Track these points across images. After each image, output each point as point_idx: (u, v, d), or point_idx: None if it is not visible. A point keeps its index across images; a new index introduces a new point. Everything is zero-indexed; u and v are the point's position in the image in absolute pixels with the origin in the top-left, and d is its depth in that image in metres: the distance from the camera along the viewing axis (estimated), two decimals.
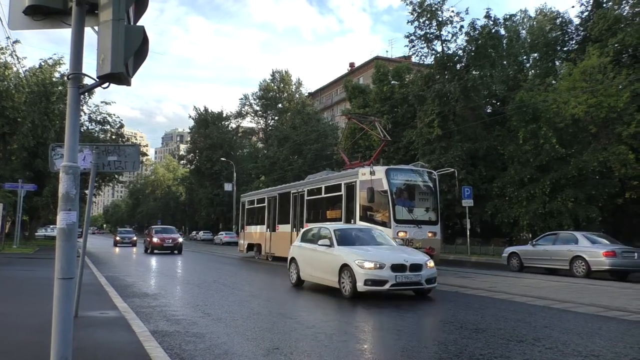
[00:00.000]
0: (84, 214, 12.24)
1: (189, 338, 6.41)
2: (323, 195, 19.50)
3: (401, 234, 15.51)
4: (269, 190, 26.42)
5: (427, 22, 30.71)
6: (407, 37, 31.45)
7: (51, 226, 50.88)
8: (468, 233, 27.89)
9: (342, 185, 18.00)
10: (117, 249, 35.34)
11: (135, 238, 41.46)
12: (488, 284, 13.57)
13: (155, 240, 29.31)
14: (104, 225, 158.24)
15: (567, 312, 8.92)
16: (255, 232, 26.03)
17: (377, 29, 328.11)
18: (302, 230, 14.43)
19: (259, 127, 72.57)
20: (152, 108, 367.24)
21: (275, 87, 68.36)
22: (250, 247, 26.68)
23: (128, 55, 3.61)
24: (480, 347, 6.09)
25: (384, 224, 15.68)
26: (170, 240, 29.61)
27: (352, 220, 16.84)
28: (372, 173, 15.99)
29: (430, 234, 16.28)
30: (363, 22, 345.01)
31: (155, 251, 29.05)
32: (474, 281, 14.38)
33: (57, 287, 3.65)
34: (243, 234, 28.06)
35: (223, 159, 62.16)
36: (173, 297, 10.93)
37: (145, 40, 3.75)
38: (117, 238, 41.14)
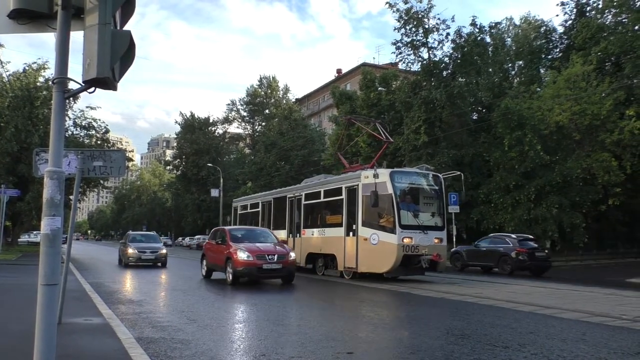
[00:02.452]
0: (68, 219, 12.11)
1: (174, 345, 6.35)
2: (322, 199, 18.64)
3: (406, 240, 14.90)
4: (263, 194, 25.46)
5: (413, 29, 30.93)
6: (394, 44, 31.66)
7: (35, 232, 50.18)
8: (454, 239, 28.03)
9: (343, 189, 17.21)
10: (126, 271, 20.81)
11: (164, 251, 23.79)
12: (474, 290, 13.63)
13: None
14: (89, 231, 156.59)
15: (552, 317, 8.99)
16: None
17: (357, 35, 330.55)
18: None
19: (246, 132, 72.48)
20: (134, 113, 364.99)
21: (263, 92, 68.38)
22: None
23: (114, 59, 3.59)
24: (466, 352, 6.11)
25: (388, 230, 15.10)
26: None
27: (354, 226, 16.22)
28: (376, 176, 15.19)
29: (436, 240, 15.60)
30: (343, 28, 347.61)
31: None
32: (461, 287, 14.44)
33: (41, 293, 3.60)
34: None
35: (210, 164, 61.91)
36: (158, 303, 10.84)
37: (131, 45, 3.73)
38: (130, 251, 23.02)
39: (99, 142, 38.94)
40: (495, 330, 7.67)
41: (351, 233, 16.41)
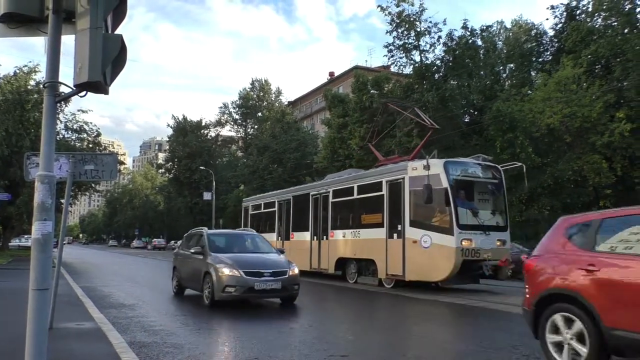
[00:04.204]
0: (59, 223, 12.04)
1: (167, 349, 6.33)
2: (356, 196, 16.37)
3: (465, 243, 12.86)
4: (280, 192, 23.12)
5: (405, 32, 31.02)
6: (386, 47, 31.73)
7: (25, 236, 49.85)
8: None
9: (384, 184, 14.91)
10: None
11: (296, 270, 10.99)
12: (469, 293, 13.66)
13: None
14: (80, 235, 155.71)
15: None
16: None
17: (344, 38, 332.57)
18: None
19: (239, 135, 72.35)
20: (123, 116, 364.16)
21: (255, 95, 68.34)
22: None
23: (106, 63, 3.59)
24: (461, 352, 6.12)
25: (443, 230, 13.06)
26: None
27: (399, 226, 14.07)
28: (427, 167, 13.05)
29: (498, 242, 13.55)
30: (330, 30, 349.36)
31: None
32: (452, 290, 14.46)
33: (32, 298, 3.59)
34: None
35: (202, 167, 61.73)
36: (151, 307, 10.78)
37: (123, 49, 3.73)
38: (225, 272, 10.06)
39: (90, 145, 38.76)
40: (487, 332, 7.67)
41: (395, 234, 14.18)
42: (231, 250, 11.42)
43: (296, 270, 10.89)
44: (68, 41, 3.85)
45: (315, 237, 18.46)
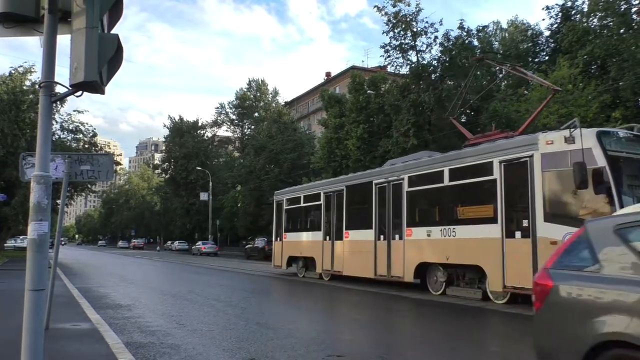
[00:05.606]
0: (55, 224, 12.01)
1: (163, 349, 6.32)
2: (447, 183, 12.75)
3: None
4: (326, 182, 19.74)
5: (402, 32, 31.05)
6: (382, 47, 31.74)
7: (21, 237, 49.72)
8: None
9: (496, 165, 11.34)
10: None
11: None
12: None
13: None
14: (76, 236, 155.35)
15: None
16: (302, 241, 19.69)
17: (337, 38, 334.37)
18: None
19: (235, 136, 72.35)
20: (116, 116, 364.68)
21: (252, 96, 68.34)
22: (293, 260, 20.62)
23: (102, 63, 3.59)
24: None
25: None
26: None
27: (525, 221, 10.46)
28: (570, 140, 9.97)
29: None
30: (322, 30, 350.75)
31: None
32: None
33: (28, 298, 3.57)
34: (280, 244, 21.31)
35: (199, 168, 61.71)
36: (147, 308, 10.76)
37: (119, 49, 3.73)
38: None
39: (86, 146, 38.72)
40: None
41: (518, 233, 10.64)
42: None
43: None
44: (63, 41, 3.84)
45: (382, 237, 14.89)
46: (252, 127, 67.04)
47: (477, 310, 10.61)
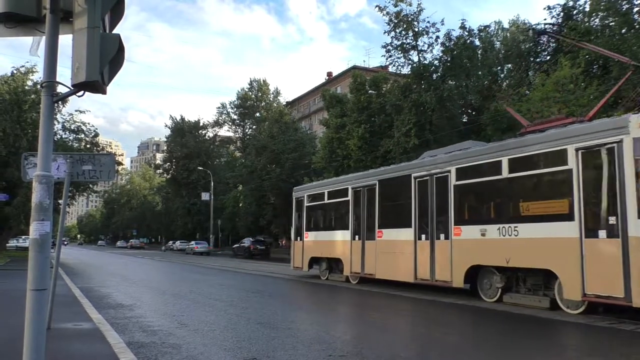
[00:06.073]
0: (57, 224, 12.02)
1: (165, 349, 6.32)
2: (506, 174, 11.09)
3: None
4: (356, 176, 17.54)
5: (403, 32, 31.07)
6: (384, 47, 31.76)
7: (23, 237, 49.80)
8: None
9: (571, 153, 9.79)
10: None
11: None
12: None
13: None
14: (78, 236, 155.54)
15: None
16: (326, 240, 18.00)
17: (337, 37, 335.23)
18: None
19: (237, 136, 72.41)
20: (117, 116, 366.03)
21: (253, 96, 68.41)
22: (314, 262, 19.01)
23: (103, 63, 3.59)
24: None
25: None
26: None
27: (612, 219, 9.03)
28: None
29: None
30: (322, 30, 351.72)
31: None
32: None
33: (30, 298, 3.58)
34: (301, 245, 19.52)
35: (200, 168, 61.80)
36: (149, 307, 10.77)
37: (120, 48, 3.73)
38: None
39: (88, 146, 38.77)
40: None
41: (602, 232, 9.19)
42: None
43: None
44: (65, 41, 3.84)
45: (423, 236, 13.29)
46: (254, 127, 67.12)
47: (549, 322, 8.87)
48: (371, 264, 15.23)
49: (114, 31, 3.96)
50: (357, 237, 16.19)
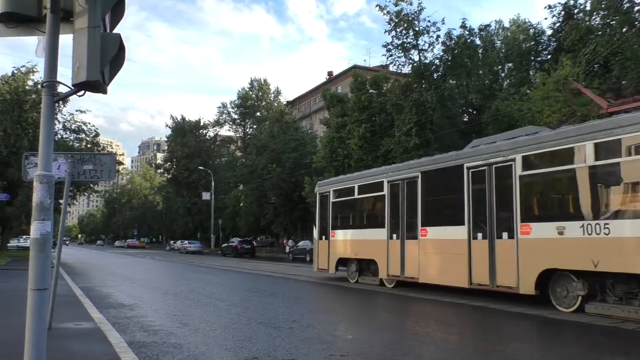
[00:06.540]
0: (58, 224, 12.03)
1: (166, 349, 6.32)
2: (591, 162, 9.15)
3: None
4: (392, 168, 15.76)
5: (404, 31, 31.03)
6: (384, 46, 31.74)
7: (24, 237, 49.90)
8: None
9: None
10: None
11: None
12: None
13: None
14: (79, 236, 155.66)
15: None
16: (357, 240, 16.20)
17: (336, 37, 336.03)
18: None
19: (238, 135, 72.44)
20: (117, 116, 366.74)
21: (254, 95, 68.42)
22: (341, 263, 17.10)
23: (104, 63, 3.59)
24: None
25: None
26: None
27: None
28: None
29: None
30: (321, 29, 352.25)
31: None
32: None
33: (31, 298, 3.58)
34: (326, 244, 17.63)
35: (201, 167, 61.84)
36: (150, 307, 10.76)
37: (121, 48, 3.73)
38: None
39: (88, 145, 38.81)
40: None
41: None
42: None
43: None
44: (66, 41, 3.84)
45: (480, 235, 11.52)
46: (254, 126, 67.16)
47: None
48: (413, 266, 13.46)
49: (115, 31, 3.96)
50: (394, 235, 14.37)
